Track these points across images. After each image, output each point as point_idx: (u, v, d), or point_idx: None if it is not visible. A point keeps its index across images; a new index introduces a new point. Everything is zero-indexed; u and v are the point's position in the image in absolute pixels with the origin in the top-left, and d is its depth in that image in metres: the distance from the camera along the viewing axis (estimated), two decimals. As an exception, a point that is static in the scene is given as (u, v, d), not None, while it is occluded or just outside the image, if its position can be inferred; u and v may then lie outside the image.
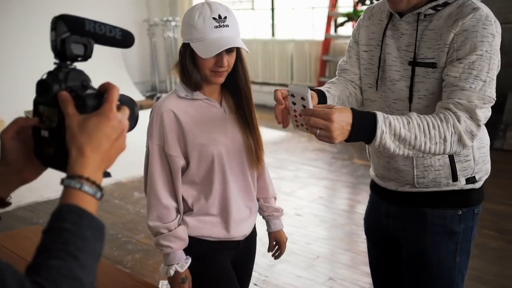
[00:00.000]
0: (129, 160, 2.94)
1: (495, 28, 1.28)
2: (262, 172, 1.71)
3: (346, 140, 1.20)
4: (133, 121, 0.81)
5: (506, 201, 3.77)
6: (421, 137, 1.21)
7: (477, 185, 1.45)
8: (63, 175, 0.73)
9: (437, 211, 1.45)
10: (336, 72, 1.64)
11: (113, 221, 3.56)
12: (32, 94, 0.81)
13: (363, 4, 5.91)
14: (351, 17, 5.92)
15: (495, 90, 1.31)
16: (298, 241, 3.21)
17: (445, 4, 1.32)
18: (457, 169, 1.41)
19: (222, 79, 1.48)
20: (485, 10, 1.30)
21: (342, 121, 1.15)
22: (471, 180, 1.44)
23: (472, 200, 1.47)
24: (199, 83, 1.48)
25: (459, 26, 1.28)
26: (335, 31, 6.69)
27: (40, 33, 6.93)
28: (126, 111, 0.76)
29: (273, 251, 1.81)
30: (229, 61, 1.46)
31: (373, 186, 1.64)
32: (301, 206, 3.78)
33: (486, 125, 1.41)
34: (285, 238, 1.80)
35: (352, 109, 1.20)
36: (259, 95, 7.70)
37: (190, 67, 1.46)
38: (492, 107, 1.33)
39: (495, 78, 1.30)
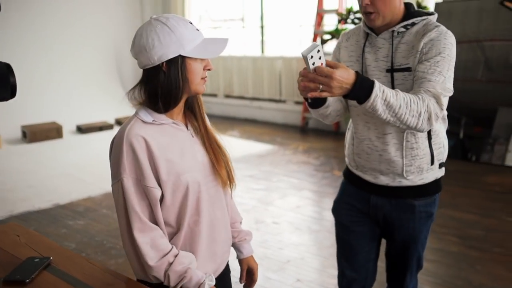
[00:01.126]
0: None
1: (452, 40, 1.67)
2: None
3: (344, 96, 1.51)
4: (6, 89, 0.80)
5: (472, 210, 3.97)
6: (404, 108, 1.53)
7: (443, 170, 1.85)
8: (57, 186, 0.86)
9: (421, 200, 1.82)
10: None
11: (99, 228, 3.77)
12: (29, 110, 0.97)
13: (345, 22, 6.18)
14: (334, 35, 6.18)
15: (452, 83, 1.66)
16: (272, 247, 3.41)
17: (413, 24, 1.70)
18: (435, 155, 1.77)
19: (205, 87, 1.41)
20: (443, 27, 1.68)
21: (342, 79, 1.45)
22: (441, 164, 1.82)
23: (441, 185, 1.88)
24: (177, 101, 1.36)
25: (427, 36, 1.65)
26: (322, 47, 6.95)
27: (35, 49, 7.22)
28: None
29: (245, 280, 1.69)
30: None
31: (357, 180, 1.91)
32: (279, 215, 3.98)
33: (475, 139, 1.78)
34: (256, 264, 1.69)
35: (356, 72, 1.51)
36: (249, 110, 7.97)
37: (179, 83, 1.32)
38: (481, 122, 1.68)
39: (452, 75, 1.66)
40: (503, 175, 4.78)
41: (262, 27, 7.76)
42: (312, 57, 1.43)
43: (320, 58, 1.44)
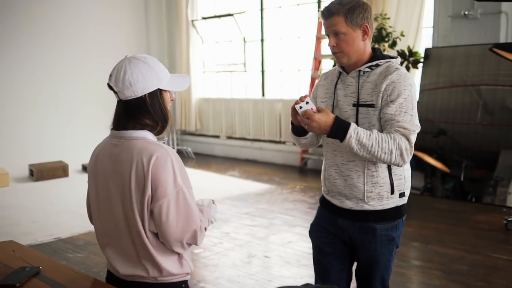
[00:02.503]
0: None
1: (411, 82, 1.91)
2: None
3: (327, 135, 1.87)
4: None
5: (458, 246, 4.08)
6: (376, 147, 1.81)
7: (405, 199, 2.04)
8: (59, 222, 1.01)
9: (382, 224, 1.99)
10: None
11: (97, 261, 3.91)
12: (37, 149, 1.15)
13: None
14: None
15: (417, 118, 1.91)
16: (262, 279, 3.54)
17: (377, 65, 1.95)
18: (394, 185, 1.96)
19: None
20: (403, 69, 1.93)
21: (320, 121, 1.82)
22: (402, 194, 2.00)
23: (403, 212, 2.05)
24: (166, 126, 1.64)
25: (388, 79, 1.89)
26: (319, 91, 7.21)
27: (44, 92, 7.55)
28: None
29: None
30: None
31: (328, 204, 2.13)
32: (271, 249, 4.12)
33: (474, 181, 2.05)
34: None
35: (336, 116, 1.84)
36: (250, 150, 8.19)
37: (164, 111, 1.60)
38: (483, 164, 1.95)
39: (416, 112, 1.90)
40: (492, 214, 4.89)
41: (262, 71, 8.09)
42: (301, 107, 1.87)
43: (307, 104, 1.86)
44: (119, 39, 8.41)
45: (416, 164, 5.77)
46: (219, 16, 8.33)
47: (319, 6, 7.19)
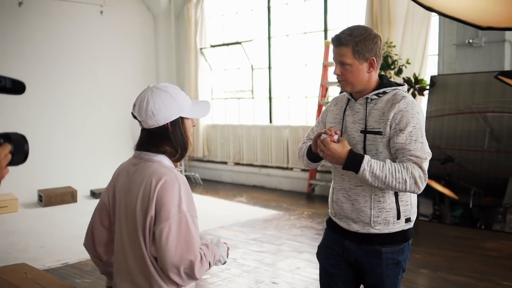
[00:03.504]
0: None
1: (419, 109, 1.96)
2: None
3: (342, 168, 1.92)
4: (21, 156, 0.96)
5: (468, 273, 4.04)
6: (389, 177, 1.85)
7: (411, 224, 2.06)
8: (68, 247, 1.03)
9: (388, 248, 2.01)
10: (306, 138, 2.27)
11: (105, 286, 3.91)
12: (46, 175, 1.19)
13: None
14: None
15: (428, 147, 1.94)
16: (269, 305, 3.53)
17: (384, 93, 1.99)
18: (401, 211, 1.98)
19: None
20: (410, 97, 1.97)
21: (335, 151, 1.89)
22: (408, 219, 2.02)
23: (409, 236, 2.07)
24: (185, 154, 1.71)
25: (396, 107, 1.92)
26: (326, 118, 7.26)
27: (53, 118, 7.66)
28: (5, 147, 0.92)
29: None
30: None
31: (335, 227, 2.15)
32: (278, 276, 4.11)
33: (483, 208, 2.10)
34: None
35: (350, 149, 1.90)
36: (257, 177, 8.21)
37: (185, 138, 1.68)
38: (492, 191, 2.01)
39: (426, 139, 1.94)
40: (501, 241, 4.86)
41: (270, 98, 8.17)
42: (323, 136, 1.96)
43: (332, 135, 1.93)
44: (128, 67, 8.57)
45: (425, 191, 5.70)
46: (227, 44, 8.48)
47: (325, 35, 7.30)
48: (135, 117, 1.66)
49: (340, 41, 1.93)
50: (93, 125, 8.12)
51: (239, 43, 8.25)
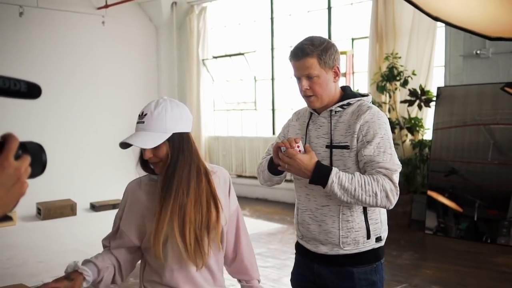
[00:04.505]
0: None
1: (385, 119, 1.85)
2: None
3: (309, 182, 1.77)
4: (39, 167, 0.87)
5: (480, 290, 3.91)
6: (359, 190, 1.72)
7: (383, 242, 1.93)
8: (66, 262, 0.90)
9: (360, 268, 1.88)
10: (266, 154, 2.11)
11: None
12: (45, 187, 1.07)
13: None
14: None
15: (397, 159, 1.83)
16: (275, 325, 3.39)
17: (349, 104, 1.88)
18: (371, 230, 1.86)
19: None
20: (375, 108, 1.86)
21: (301, 163, 1.74)
22: (378, 238, 1.90)
23: (381, 254, 1.94)
24: None
25: (362, 119, 1.81)
26: (330, 129, 7.16)
27: (52, 131, 7.56)
28: (25, 160, 0.81)
29: None
30: (147, 153, 1.60)
31: (302, 250, 2.01)
32: (284, 293, 3.97)
33: (488, 221, 1.94)
34: None
35: (317, 161, 1.76)
36: (260, 189, 8.08)
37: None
38: (496, 204, 1.86)
39: (394, 150, 1.83)
40: (511, 256, 4.73)
41: (273, 109, 8.08)
42: (285, 149, 1.79)
43: (298, 147, 1.78)
44: (130, 78, 8.49)
45: (429, 203, 5.66)
46: (230, 55, 8.40)
47: (329, 46, 7.22)
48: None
49: (304, 51, 1.80)
50: (93, 137, 8.02)
51: (242, 54, 8.17)
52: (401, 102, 6.06)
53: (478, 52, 5.51)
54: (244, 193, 8.27)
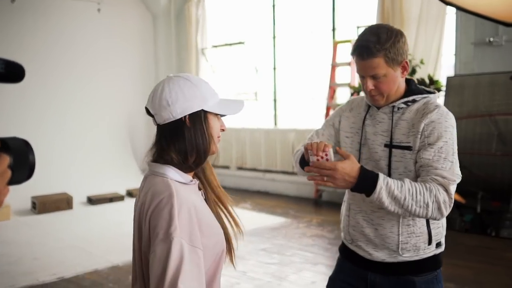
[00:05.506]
0: (126, 244, 3.01)
1: (453, 122, 1.65)
2: None
3: (351, 190, 1.57)
4: (24, 169, 0.73)
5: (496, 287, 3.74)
6: (409, 200, 1.52)
7: (443, 247, 1.76)
8: (63, 259, 0.73)
9: (421, 277, 1.70)
10: (308, 140, 1.90)
11: (104, 304, 3.58)
12: (40, 180, 0.87)
13: (358, 94, 6.22)
14: (347, 107, 6.21)
15: (459, 168, 1.62)
16: (286, 326, 3.20)
17: (414, 101, 1.69)
18: (432, 235, 1.69)
19: None
20: (443, 108, 1.66)
21: (345, 173, 1.52)
22: (438, 244, 1.73)
23: (441, 261, 1.77)
24: (206, 158, 1.33)
25: (428, 118, 1.62)
26: (334, 120, 6.95)
27: (48, 121, 7.32)
28: (2, 160, 0.69)
29: None
30: None
31: (353, 256, 1.81)
32: (293, 291, 3.78)
33: (492, 213, 1.71)
34: None
35: (361, 166, 1.55)
36: (262, 182, 7.88)
37: (205, 138, 1.29)
38: (499, 196, 1.64)
39: (457, 159, 1.62)
40: (527, 252, 4.56)
41: (275, 100, 7.86)
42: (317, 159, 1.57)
43: (326, 155, 1.56)
44: (126, 68, 8.23)
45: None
46: (230, 44, 8.16)
47: (334, 34, 7.00)
48: (148, 112, 1.30)
49: (370, 52, 1.60)
50: (90, 129, 7.78)
51: (242, 43, 7.93)
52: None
53: (491, 39, 5.30)
54: (245, 186, 8.07)
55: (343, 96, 7.00)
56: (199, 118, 1.28)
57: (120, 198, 7.04)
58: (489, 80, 5.32)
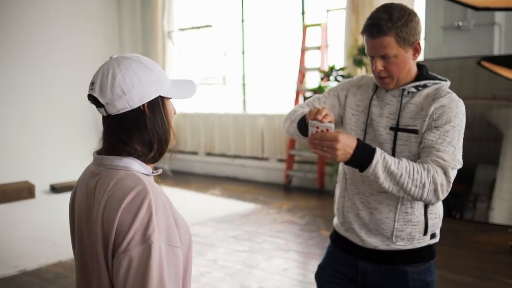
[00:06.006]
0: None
1: (463, 109, 1.61)
2: None
3: (346, 162, 1.51)
4: None
5: (469, 272, 3.77)
6: (406, 177, 1.46)
7: (437, 238, 1.72)
8: (25, 251, 0.68)
9: (414, 267, 1.65)
10: (305, 103, 1.85)
11: (69, 297, 3.44)
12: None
13: (328, 79, 6.17)
14: (316, 92, 6.15)
15: (461, 154, 1.58)
16: (259, 315, 3.14)
17: (425, 86, 1.64)
18: (429, 225, 1.64)
19: None
20: (455, 95, 1.62)
21: (346, 144, 1.47)
22: (433, 235, 1.69)
23: (435, 252, 1.73)
24: (165, 149, 1.22)
25: (438, 101, 1.57)
26: (304, 105, 6.88)
27: (7, 105, 7.01)
28: None
29: None
30: None
31: (344, 243, 1.76)
32: (265, 279, 3.72)
33: (456, 196, 1.67)
34: None
35: (358, 138, 1.51)
36: (231, 168, 7.79)
37: (166, 126, 1.19)
38: (463, 179, 1.58)
39: (461, 147, 1.58)
40: (492, 234, 4.65)
41: (244, 84, 7.73)
42: (317, 127, 1.51)
43: (318, 128, 1.51)
44: (90, 52, 7.92)
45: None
46: (198, 28, 7.97)
47: (303, 17, 6.91)
48: (94, 100, 1.15)
49: (381, 29, 1.53)
50: (52, 114, 7.48)
51: (210, 26, 7.76)
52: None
53: (460, 24, 5.31)
54: (213, 172, 7.96)
55: (312, 80, 6.95)
56: (158, 105, 1.17)
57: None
58: (457, 65, 5.34)
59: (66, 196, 6.40)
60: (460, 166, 1.55)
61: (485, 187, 5.05)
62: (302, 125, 1.67)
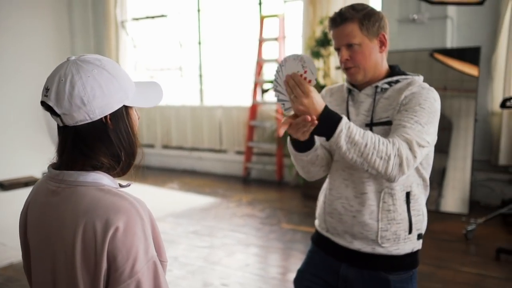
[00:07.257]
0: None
1: (435, 96, 1.58)
2: None
3: (312, 132, 1.48)
4: None
5: (425, 260, 3.84)
6: (370, 147, 1.43)
7: (420, 244, 1.70)
8: None
9: (396, 275, 1.63)
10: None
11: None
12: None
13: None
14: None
15: (432, 138, 1.54)
16: (222, 313, 3.10)
17: (397, 82, 1.64)
18: (413, 222, 1.62)
19: None
20: (428, 87, 1.60)
21: (313, 103, 1.43)
22: (420, 236, 1.67)
23: (418, 260, 1.71)
24: (132, 161, 1.14)
25: (408, 90, 1.58)
26: (262, 97, 6.87)
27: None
28: None
29: None
30: None
31: (327, 245, 1.72)
32: (228, 275, 3.68)
33: None
34: None
35: (326, 105, 1.47)
36: (188, 160, 7.69)
37: (132, 138, 1.11)
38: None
39: (433, 130, 1.53)
40: (446, 222, 4.77)
41: (200, 76, 7.62)
42: (277, 72, 1.51)
43: (305, 72, 1.46)
44: (38, 43, 7.57)
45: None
46: (152, 17, 7.77)
47: (260, 8, 6.85)
48: (49, 108, 1.03)
49: (343, 16, 1.59)
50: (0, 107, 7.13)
51: (165, 16, 7.58)
52: (336, 68, 5.87)
53: (415, 17, 5.40)
54: (171, 165, 7.83)
55: (270, 72, 6.92)
56: (121, 115, 1.08)
57: (36, 182, 6.55)
58: (412, 57, 5.45)
59: (15, 193, 6.14)
60: (428, 146, 1.51)
61: (436, 175, 5.19)
62: (294, 141, 1.64)
